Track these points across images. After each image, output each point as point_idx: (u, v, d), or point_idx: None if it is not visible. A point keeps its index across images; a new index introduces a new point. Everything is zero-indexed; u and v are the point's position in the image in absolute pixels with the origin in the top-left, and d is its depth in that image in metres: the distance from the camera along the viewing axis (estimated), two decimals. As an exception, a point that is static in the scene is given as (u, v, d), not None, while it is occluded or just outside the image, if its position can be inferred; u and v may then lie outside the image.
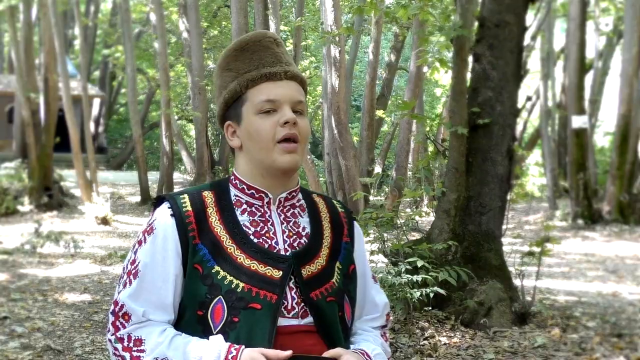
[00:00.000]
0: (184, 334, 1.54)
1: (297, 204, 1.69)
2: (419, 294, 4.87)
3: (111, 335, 1.56)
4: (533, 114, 23.00)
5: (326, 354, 1.53)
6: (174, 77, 23.77)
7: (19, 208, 14.61)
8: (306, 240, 1.64)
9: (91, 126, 20.21)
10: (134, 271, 1.57)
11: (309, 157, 11.85)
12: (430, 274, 4.95)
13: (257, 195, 1.63)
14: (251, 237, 1.59)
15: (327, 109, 11.82)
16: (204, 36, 20.80)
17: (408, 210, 13.12)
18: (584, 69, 14.42)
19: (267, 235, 1.60)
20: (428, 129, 7.04)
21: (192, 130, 25.07)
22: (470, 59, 5.91)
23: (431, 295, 4.92)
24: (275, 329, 1.52)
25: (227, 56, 1.67)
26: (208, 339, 1.51)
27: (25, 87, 15.45)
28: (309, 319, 1.57)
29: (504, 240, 6.13)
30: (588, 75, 16.77)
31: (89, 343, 4.96)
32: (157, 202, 1.65)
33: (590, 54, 16.87)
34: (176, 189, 17.27)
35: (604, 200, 14.17)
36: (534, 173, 21.84)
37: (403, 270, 5.01)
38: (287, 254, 1.59)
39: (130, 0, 20.29)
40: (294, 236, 1.63)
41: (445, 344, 4.83)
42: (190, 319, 1.56)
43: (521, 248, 7.84)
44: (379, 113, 15.94)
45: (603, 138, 25.76)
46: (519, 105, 6.26)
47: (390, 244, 5.64)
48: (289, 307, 1.55)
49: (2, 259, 8.92)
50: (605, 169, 17.67)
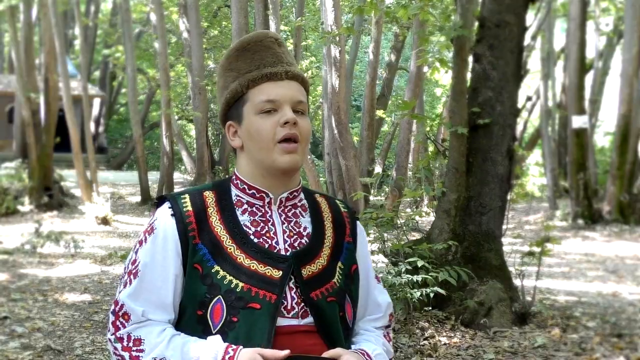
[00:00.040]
0: (183, 334, 1.54)
1: (299, 204, 1.68)
2: (419, 294, 4.87)
3: (111, 335, 1.56)
4: (533, 114, 23.00)
5: (326, 354, 1.52)
6: (174, 77, 23.76)
7: (19, 208, 14.61)
8: (307, 240, 1.63)
9: (91, 126, 20.21)
10: (134, 271, 1.58)
11: (309, 157, 11.84)
12: (430, 274, 4.95)
13: (258, 195, 1.63)
14: (251, 237, 1.58)
15: (327, 109, 11.82)
16: (204, 36, 20.79)
17: (408, 210, 13.12)
18: (584, 68, 14.42)
19: (268, 235, 1.60)
20: (428, 129, 7.05)
21: (193, 130, 25.07)
22: (470, 59, 5.91)
23: (431, 295, 4.93)
24: (274, 329, 1.52)
25: (229, 56, 1.67)
26: (207, 339, 1.51)
27: (26, 87, 15.45)
28: (309, 319, 1.56)
29: (504, 240, 6.14)
30: (588, 75, 16.77)
31: (89, 343, 4.96)
32: (159, 202, 1.66)
33: (590, 54, 16.88)
34: (176, 189, 17.27)
35: (604, 200, 14.17)
36: (534, 173, 21.85)
37: (403, 270, 5.01)
38: (287, 254, 1.59)
39: (130, 0, 20.28)
40: (295, 236, 1.62)
41: (445, 344, 4.83)
42: (190, 318, 1.56)
43: (521, 248, 7.84)
44: (379, 113, 15.93)
45: (603, 138, 25.76)
46: (519, 105, 6.27)
47: (390, 244, 5.64)
48: (289, 307, 1.55)
49: (3, 259, 8.92)
50: (606, 169, 17.67)
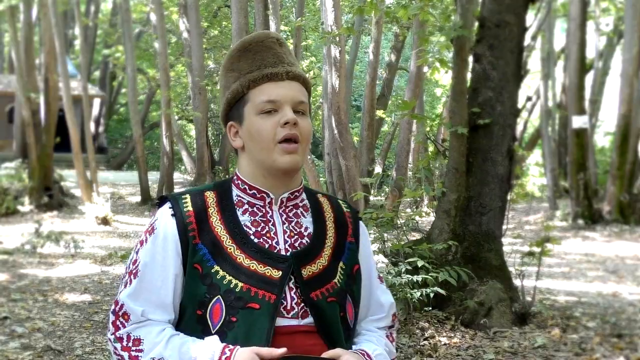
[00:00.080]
0: (181, 334, 1.54)
1: (301, 204, 1.68)
2: (419, 294, 4.87)
3: (111, 335, 1.57)
4: (533, 114, 23.00)
5: (325, 355, 1.52)
6: (174, 77, 23.76)
7: (19, 208, 14.61)
8: (308, 241, 1.63)
9: (91, 126, 20.21)
10: (134, 271, 1.58)
11: (309, 157, 11.84)
12: (430, 274, 4.95)
13: (259, 196, 1.63)
14: (251, 237, 1.59)
15: (328, 109, 11.81)
16: (204, 36, 20.79)
17: (408, 210, 13.12)
18: (585, 69, 14.42)
19: (268, 235, 1.60)
20: (428, 129, 7.05)
21: (193, 130, 25.08)
22: (470, 59, 5.91)
23: (431, 295, 4.92)
24: (273, 329, 1.52)
25: (231, 57, 1.67)
26: (205, 339, 1.51)
27: (26, 87, 15.45)
28: (309, 319, 1.56)
29: (504, 240, 6.14)
30: (588, 75, 16.77)
31: (89, 343, 4.96)
32: (160, 203, 1.66)
33: (590, 54, 16.88)
34: (176, 189, 17.27)
35: (604, 200, 14.17)
36: (534, 173, 21.85)
37: (403, 270, 5.01)
38: (288, 254, 1.59)
39: (130, 0, 20.28)
40: (296, 236, 1.62)
41: (445, 344, 4.83)
42: (190, 318, 1.56)
43: (521, 248, 7.84)
44: (379, 113, 15.93)
45: (603, 138, 25.78)
46: (519, 105, 6.27)
47: (390, 244, 5.64)
48: (289, 308, 1.55)
49: (3, 259, 8.92)
50: (606, 169, 17.68)
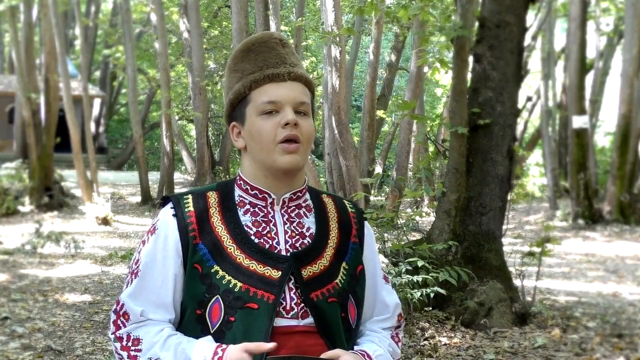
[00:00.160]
0: (179, 334, 1.55)
1: (303, 205, 1.68)
2: (419, 294, 4.87)
3: (111, 334, 1.59)
4: (534, 114, 23.00)
5: (324, 355, 1.51)
6: (174, 78, 23.78)
7: (20, 208, 14.61)
8: (309, 241, 1.63)
9: (92, 126, 20.21)
10: (136, 271, 1.59)
11: (309, 157, 11.84)
12: (430, 274, 4.95)
13: (261, 196, 1.63)
14: (252, 237, 1.59)
15: (328, 109, 11.82)
16: (205, 36, 20.80)
17: (408, 210, 13.12)
18: (585, 69, 14.42)
19: (269, 235, 1.60)
20: (428, 129, 7.05)
21: (193, 131, 25.09)
22: (470, 59, 5.91)
23: (431, 295, 4.93)
24: (272, 329, 1.52)
25: (234, 57, 1.67)
26: (199, 339, 1.51)
27: (26, 88, 15.45)
28: (309, 320, 1.56)
29: (505, 240, 6.14)
30: (589, 75, 16.78)
31: (90, 343, 4.96)
32: (163, 203, 1.67)
33: (590, 54, 16.89)
34: (177, 189, 17.28)
35: (605, 200, 14.18)
36: (535, 173, 21.87)
37: (403, 270, 5.01)
38: (288, 254, 1.59)
39: (130, 0, 20.28)
40: (297, 236, 1.62)
41: (445, 344, 4.83)
42: (190, 318, 1.57)
43: (521, 248, 7.84)
44: (380, 113, 15.94)
45: (604, 138, 25.79)
46: (520, 105, 6.27)
47: (390, 244, 5.64)
48: (288, 308, 1.55)
49: (3, 259, 8.92)
50: (606, 169, 17.69)
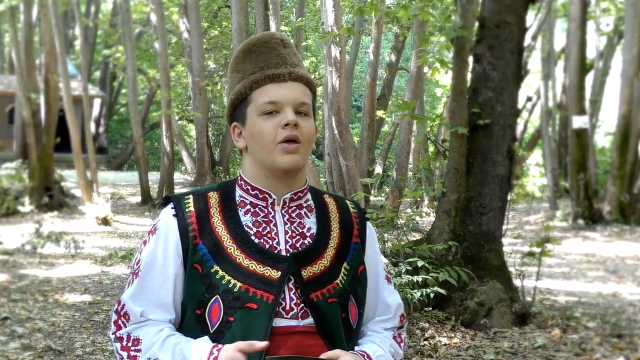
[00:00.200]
0: (178, 334, 1.55)
1: (305, 205, 1.68)
2: (419, 294, 4.87)
3: (112, 334, 1.59)
4: (533, 114, 23.00)
5: (323, 356, 1.51)
6: (174, 78, 23.77)
7: (20, 208, 14.61)
8: (310, 241, 1.63)
9: (92, 126, 20.21)
10: (136, 271, 1.60)
11: (309, 158, 11.84)
12: (430, 274, 4.95)
13: (261, 196, 1.63)
14: (252, 238, 1.59)
15: (328, 109, 11.82)
16: (205, 36, 20.80)
17: (408, 210, 13.11)
18: (585, 69, 14.42)
19: (269, 235, 1.60)
20: (428, 129, 7.05)
21: (193, 131, 25.09)
22: (470, 59, 5.91)
23: (431, 295, 4.93)
24: (271, 329, 1.51)
25: (236, 57, 1.67)
26: (196, 339, 1.52)
27: (26, 88, 15.45)
28: (309, 320, 1.56)
29: (505, 240, 6.14)
30: (589, 75, 16.78)
31: (90, 344, 4.96)
32: (164, 203, 1.67)
33: (590, 54, 16.88)
34: (177, 189, 17.29)
35: (605, 200, 14.18)
36: (535, 173, 21.87)
37: (403, 270, 5.01)
38: (288, 254, 1.59)
39: (130, 0, 20.28)
40: (297, 237, 1.62)
41: (445, 344, 4.83)
42: (190, 318, 1.57)
43: (521, 248, 7.84)
44: (380, 113, 15.94)
45: (604, 138, 25.79)
46: (520, 105, 6.27)
47: (390, 245, 5.64)
48: (287, 308, 1.55)
49: (3, 259, 8.92)
50: (606, 169, 17.69)
